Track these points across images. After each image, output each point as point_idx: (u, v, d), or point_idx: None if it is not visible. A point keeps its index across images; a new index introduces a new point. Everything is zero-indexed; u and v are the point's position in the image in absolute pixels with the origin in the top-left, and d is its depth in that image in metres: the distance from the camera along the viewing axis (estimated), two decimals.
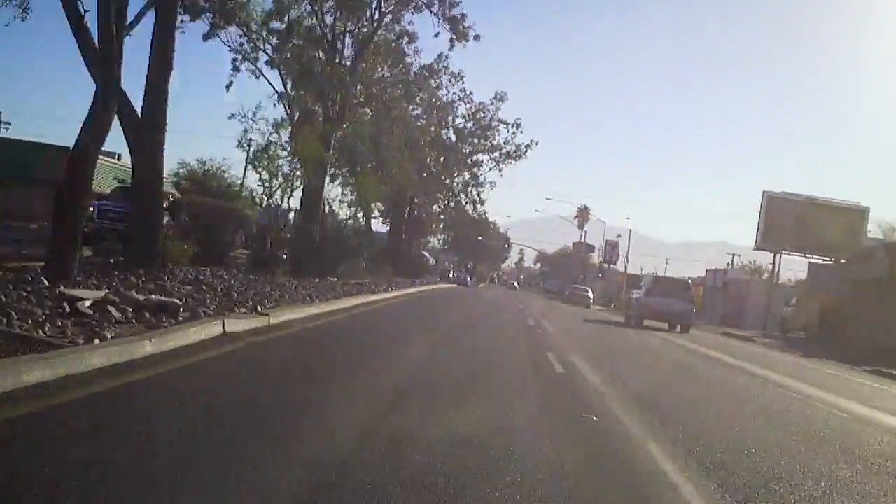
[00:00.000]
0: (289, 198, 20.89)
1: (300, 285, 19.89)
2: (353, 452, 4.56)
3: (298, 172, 19.28)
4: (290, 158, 18.99)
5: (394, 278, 40.01)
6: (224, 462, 4.09)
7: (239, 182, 52.72)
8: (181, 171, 56.08)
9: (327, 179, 36.54)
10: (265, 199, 20.31)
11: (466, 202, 59.69)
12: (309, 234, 24.55)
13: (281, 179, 19.58)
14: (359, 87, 31.07)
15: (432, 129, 48.16)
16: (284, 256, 25.02)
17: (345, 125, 29.15)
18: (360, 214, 40.67)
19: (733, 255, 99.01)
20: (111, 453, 4.01)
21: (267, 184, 19.72)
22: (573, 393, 8.74)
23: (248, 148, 19.25)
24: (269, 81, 26.50)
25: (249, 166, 19.82)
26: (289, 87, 29.00)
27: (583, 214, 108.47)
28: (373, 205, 46.51)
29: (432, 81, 44.36)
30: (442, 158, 53.99)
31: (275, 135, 19.06)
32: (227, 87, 25.47)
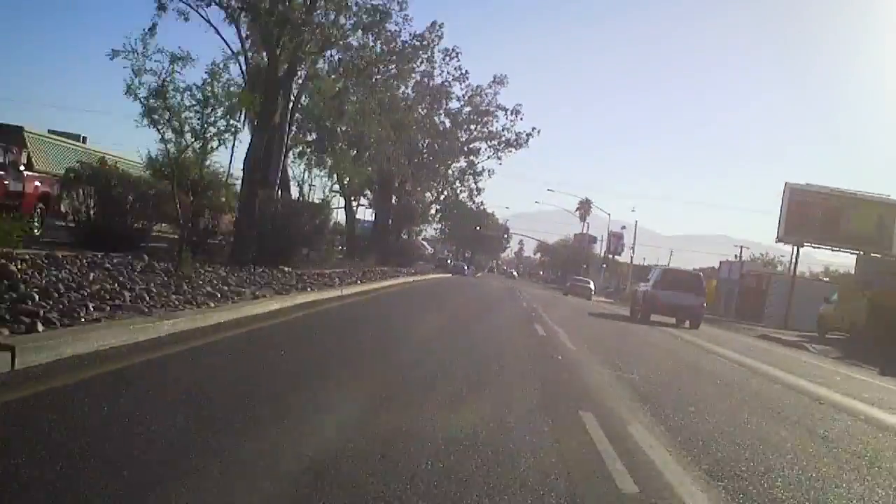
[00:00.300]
0: (202, 163, 14.51)
1: (224, 278, 13.98)
2: None
3: (214, 129, 13.13)
4: (198, 106, 12.77)
5: (378, 268, 34.08)
6: None
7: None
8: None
9: (291, 154, 30.49)
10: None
11: (462, 190, 53.71)
12: (251, 211, 18.47)
13: (190, 138, 13.29)
14: (331, 44, 25.07)
15: (422, 109, 42.07)
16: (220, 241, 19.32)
17: (303, 83, 23.22)
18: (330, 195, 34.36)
19: (741, 247, 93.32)
20: None
21: (172, 145, 13.41)
22: None
23: (141, 97, 12.97)
24: (207, 21, 20.15)
25: (145, 121, 13.38)
26: (248, 45, 23.04)
27: (584, 207, 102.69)
28: (355, 189, 40.49)
29: (421, 53, 38.33)
30: (436, 145, 48.02)
31: (177, 73, 12.68)
32: (150, 29, 19.09)
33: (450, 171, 52.09)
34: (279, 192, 21.82)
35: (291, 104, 26.41)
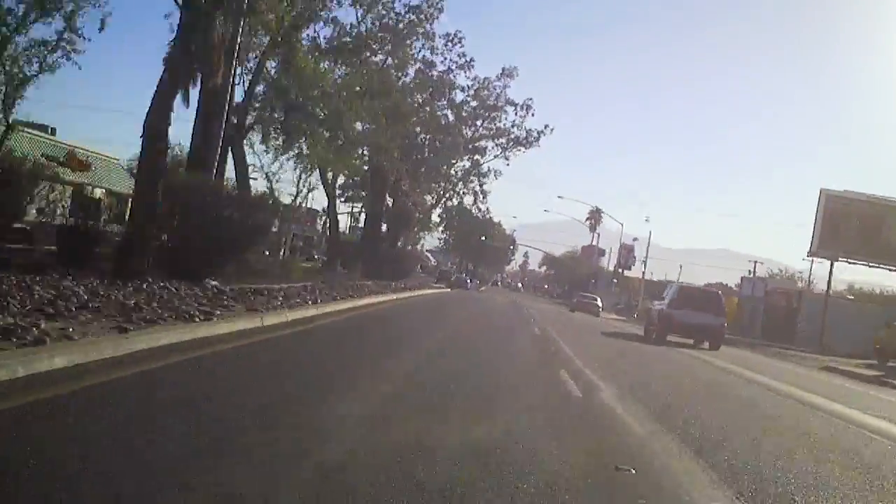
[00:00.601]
0: (8, 108, 8.47)
1: (55, 298, 8.29)
2: None
3: (25, 41, 7.46)
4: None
5: (362, 281, 28.33)
6: None
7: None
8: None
9: (254, 138, 24.87)
10: None
11: (466, 193, 47.62)
12: (149, 195, 12.60)
13: None
14: None
15: (420, 98, 36.58)
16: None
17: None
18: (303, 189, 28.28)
19: (755, 262, 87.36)
20: None
21: None
22: None
23: None
24: None
25: None
26: None
27: (595, 216, 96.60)
28: (346, 187, 34.80)
29: (419, 30, 32.92)
30: (437, 142, 42.35)
31: None
32: None
33: (452, 171, 46.38)
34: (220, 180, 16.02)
35: (252, 74, 20.90)
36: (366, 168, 32.06)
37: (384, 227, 41.07)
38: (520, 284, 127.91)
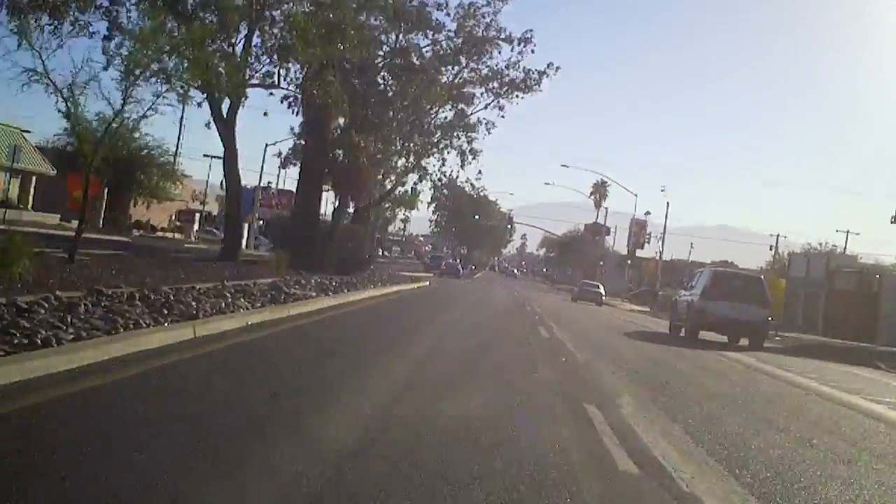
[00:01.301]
0: None
1: None
2: None
3: None
4: None
5: (260, 279, 16.58)
6: None
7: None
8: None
9: None
10: None
11: (449, 149, 35.44)
12: None
13: None
14: None
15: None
16: None
17: None
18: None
19: (777, 236, 76.10)
20: None
21: None
22: None
23: None
24: None
25: None
26: None
27: (599, 191, 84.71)
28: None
29: None
30: (413, 88, 30.63)
31: None
32: None
33: (431, 122, 34.52)
34: None
35: None
36: (285, 102, 20.68)
37: (336, 201, 29.49)
38: (515, 270, 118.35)
